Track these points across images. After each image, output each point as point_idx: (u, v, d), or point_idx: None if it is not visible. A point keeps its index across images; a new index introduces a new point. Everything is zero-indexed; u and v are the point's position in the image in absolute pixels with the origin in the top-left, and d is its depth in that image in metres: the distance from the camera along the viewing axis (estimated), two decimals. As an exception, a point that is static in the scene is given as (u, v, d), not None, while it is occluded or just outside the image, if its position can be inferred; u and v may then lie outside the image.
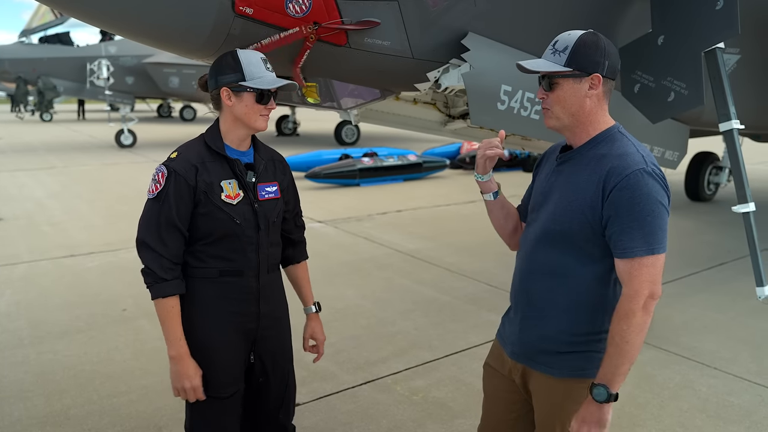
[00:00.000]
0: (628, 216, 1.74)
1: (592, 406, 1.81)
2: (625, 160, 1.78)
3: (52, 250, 6.81)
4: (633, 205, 1.74)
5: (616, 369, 1.77)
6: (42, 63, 17.82)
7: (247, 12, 2.49)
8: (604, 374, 1.79)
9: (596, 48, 1.83)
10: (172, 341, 2.15)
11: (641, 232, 1.74)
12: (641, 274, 1.75)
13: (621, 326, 1.76)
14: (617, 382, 1.78)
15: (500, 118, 3.36)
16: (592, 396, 1.79)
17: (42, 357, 4.16)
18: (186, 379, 2.14)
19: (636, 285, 1.75)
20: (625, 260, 1.77)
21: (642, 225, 1.74)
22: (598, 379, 1.80)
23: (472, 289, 5.71)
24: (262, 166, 2.26)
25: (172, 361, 2.15)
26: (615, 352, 1.77)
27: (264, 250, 2.25)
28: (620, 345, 1.76)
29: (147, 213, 2.11)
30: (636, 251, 1.75)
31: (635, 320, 1.75)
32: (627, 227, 1.75)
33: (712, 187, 10.55)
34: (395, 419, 3.46)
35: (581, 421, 1.82)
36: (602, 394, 1.77)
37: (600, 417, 1.80)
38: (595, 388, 1.79)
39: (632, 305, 1.75)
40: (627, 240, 1.75)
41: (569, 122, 1.90)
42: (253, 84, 2.06)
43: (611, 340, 1.78)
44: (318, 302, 2.59)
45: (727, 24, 3.33)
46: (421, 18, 2.99)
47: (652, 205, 1.74)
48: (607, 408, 1.80)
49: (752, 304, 5.00)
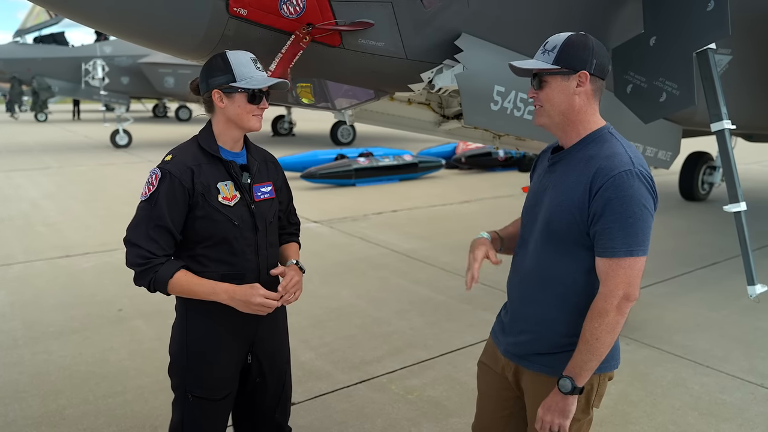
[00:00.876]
0: (610, 216, 1.76)
1: (557, 396, 1.86)
2: (613, 161, 1.80)
3: (47, 250, 6.81)
4: (616, 206, 1.75)
5: (583, 364, 1.82)
6: (37, 63, 17.82)
7: (242, 13, 2.51)
8: (572, 367, 1.84)
9: (584, 47, 1.86)
10: (212, 293, 2.09)
11: (622, 233, 1.75)
12: (618, 275, 1.77)
13: (593, 324, 1.79)
14: (583, 377, 1.83)
15: (493, 118, 3.39)
16: (558, 387, 1.85)
17: (37, 357, 4.16)
18: (252, 297, 2.07)
19: (611, 285, 1.78)
20: (604, 259, 1.79)
21: (623, 226, 1.75)
22: (566, 372, 1.85)
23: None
24: (256, 167, 2.26)
25: (229, 302, 2.08)
26: (585, 349, 1.81)
27: (263, 251, 2.25)
28: (590, 342, 1.80)
29: (137, 214, 2.10)
30: (615, 251, 1.77)
31: (607, 319, 1.78)
32: (608, 227, 1.76)
33: (706, 187, 10.59)
34: (390, 418, 3.48)
35: (546, 409, 1.88)
36: (567, 386, 1.83)
37: (564, 407, 1.85)
38: (562, 379, 1.84)
39: (606, 305, 1.78)
40: (607, 239, 1.77)
41: (559, 120, 1.92)
42: (243, 84, 2.06)
43: (583, 336, 1.82)
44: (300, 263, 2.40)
45: (717, 25, 3.36)
46: (414, 19, 3.01)
47: (635, 206, 1.75)
48: (572, 400, 1.85)
49: (745, 303, 5.03)
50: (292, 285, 2.21)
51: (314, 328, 4.74)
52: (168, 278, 2.06)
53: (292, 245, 2.49)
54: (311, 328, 4.72)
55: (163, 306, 5.02)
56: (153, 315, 4.89)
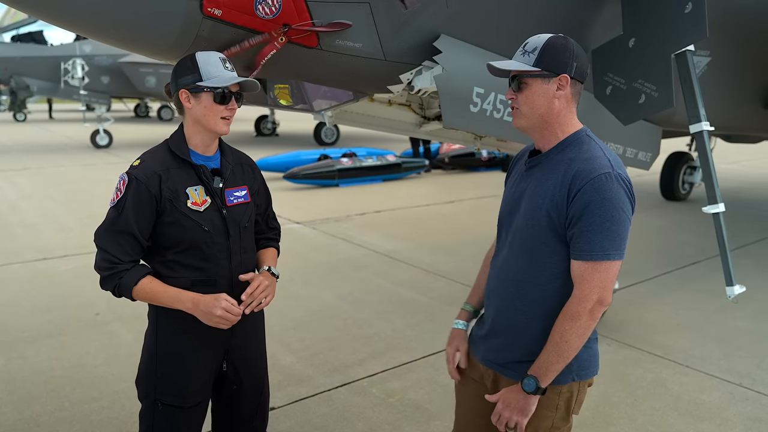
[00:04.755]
0: (588, 219, 1.74)
1: (519, 394, 1.86)
2: (592, 163, 1.78)
3: (24, 253, 6.69)
4: (594, 209, 1.73)
5: (550, 365, 1.81)
6: (14, 62, 17.55)
7: (216, 14, 2.46)
8: (538, 367, 1.83)
9: (565, 50, 1.85)
10: (177, 301, 2.05)
11: (599, 236, 1.74)
12: (593, 279, 1.76)
13: (564, 326, 1.79)
14: (548, 378, 1.83)
15: (473, 120, 3.37)
16: (521, 385, 1.84)
17: (11, 363, 4.08)
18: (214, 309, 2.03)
19: (586, 289, 1.77)
20: (580, 262, 1.78)
21: (600, 230, 1.73)
22: (531, 371, 1.84)
23: (449, 290, 5.73)
24: (229, 171, 2.22)
25: (193, 311, 2.05)
26: (553, 350, 1.80)
27: (236, 257, 2.20)
28: (559, 344, 1.79)
29: (106, 219, 2.08)
30: (592, 254, 1.75)
31: (579, 323, 1.77)
32: (586, 230, 1.75)
33: (687, 187, 10.70)
34: (371, 422, 3.46)
35: (506, 404, 1.88)
36: (531, 385, 1.83)
37: (524, 406, 1.85)
38: (526, 378, 1.84)
39: (579, 308, 1.77)
40: (584, 243, 1.76)
41: (537, 122, 1.90)
42: (209, 83, 2.02)
43: (552, 337, 1.81)
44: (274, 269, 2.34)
45: (695, 27, 3.37)
46: (392, 20, 2.98)
47: (613, 210, 1.74)
48: (533, 399, 1.85)
49: (724, 302, 5.07)
50: (259, 291, 2.16)
51: (295, 330, 4.70)
52: (132, 285, 2.04)
53: (270, 250, 2.44)
54: (292, 331, 4.68)
55: (141, 310, 4.88)
56: (131, 319, 4.82)
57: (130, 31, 2.42)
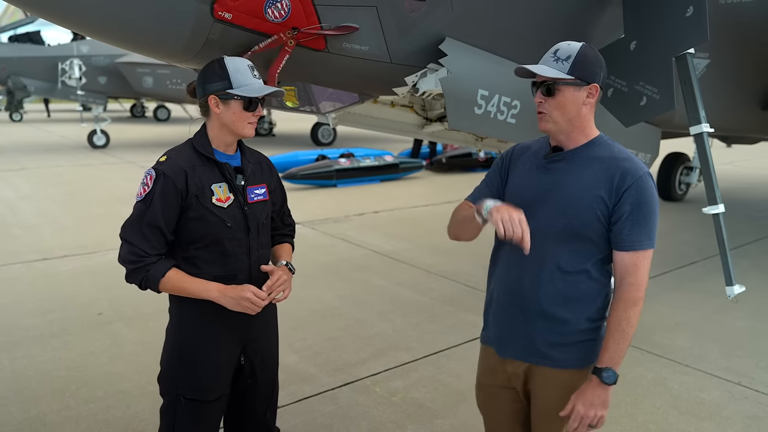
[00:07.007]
0: (638, 213, 1.91)
1: (599, 389, 1.92)
2: (634, 163, 1.95)
3: (24, 253, 6.70)
4: (643, 204, 1.91)
5: (620, 352, 1.93)
6: (12, 62, 17.46)
7: (226, 17, 2.49)
8: (611, 358, 1.92)
9: (596, 60, 1.97)
10: (204, 290, 2.12)
11: (646, 228, 1.92)
12: (644, 266, 1.93)
13: (628, 313, 1.92)
14: (619, 365, 1.94)
15: (477, 122, 3.41)
16: (602, 379, 1.91)
17: (16, 363, 4.10)
18: (243, 292, 2.11)
19: (641, 275, 1.93)
20: (632, 252, 1.93)
21: (647, 222, 1.92)
22: (603, 363, 1.92)
23: (449, 290, 5.76)
24: (250, 169, 2.28)
25: (220, 299, 2.11)
26: (620, 337, 1.92)
27: (255, 252, 2.27)
28: (626, 330, 1.92)
29: (133, 213, 2.12)
30: (642, 244, 1.92)
31: (638, 307, 1.93)
32: (636, 223, 1.91)
33: (684, 187, 10.77)
34: (375, 420, 3.49)
35: (589, 404, 1.92)
36: (612, 377, 1.92)
37: (605, 398, 1.93)
38: (605, 371, 1.91)
39: (638, 293, 1.93)
40: (635, 234, 1.91)
41: (566, 127, 1.99)
42: (240, 92, 2.07)
43: (617, 326, 1.92)
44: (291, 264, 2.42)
45: (696, 30, 3.42)
46: (399, 23, 3.02)
47: (654, 205, 1.94)
48: (611, 390, 1.93)
49: (723, 302, 5.12)
50: (279, 284, 2.23)
51: (297, 330, 4.73)
52: (159, 277, 2.08)
53: (285, 246, 2.51)
54: (294, 331, 4.71)
55: (144, 309, 4.98)
56: (133, 319, 4.84)
57: (141, 34, 2.44)
